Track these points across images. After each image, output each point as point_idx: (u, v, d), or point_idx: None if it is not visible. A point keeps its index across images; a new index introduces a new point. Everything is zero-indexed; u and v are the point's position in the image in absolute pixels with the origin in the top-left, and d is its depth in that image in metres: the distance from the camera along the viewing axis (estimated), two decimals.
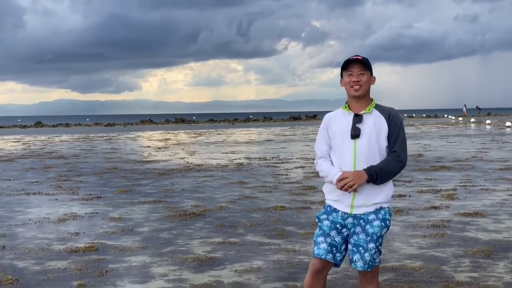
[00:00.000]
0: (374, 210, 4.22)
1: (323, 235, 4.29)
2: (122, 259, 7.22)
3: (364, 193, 4.20)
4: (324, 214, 4.36)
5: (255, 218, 9.72)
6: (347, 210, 4.24)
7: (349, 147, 4.22)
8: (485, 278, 6.12)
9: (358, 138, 4.19)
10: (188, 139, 38.16)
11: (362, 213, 4.22)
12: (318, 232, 4.35)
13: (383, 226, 4.24)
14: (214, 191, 13.00)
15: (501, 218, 9.25)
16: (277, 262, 6.96)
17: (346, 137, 4.23)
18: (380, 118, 4.24)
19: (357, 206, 4.22)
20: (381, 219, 4.23)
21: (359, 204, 4.21)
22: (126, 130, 57.60)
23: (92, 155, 24.66)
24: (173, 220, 9.68)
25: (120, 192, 13.11)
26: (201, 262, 7.00)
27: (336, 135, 4.30)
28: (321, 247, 4.27)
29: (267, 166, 18.65)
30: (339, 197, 4.28)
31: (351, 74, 4.26)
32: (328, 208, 4.36)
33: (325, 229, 4.29)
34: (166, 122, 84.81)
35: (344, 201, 4.26)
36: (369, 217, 4.22)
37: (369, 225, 4.20)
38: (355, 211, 4.23)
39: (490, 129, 45.49)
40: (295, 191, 12.76)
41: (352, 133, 4.20)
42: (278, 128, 56.81)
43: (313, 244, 4.33)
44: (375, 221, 4.22)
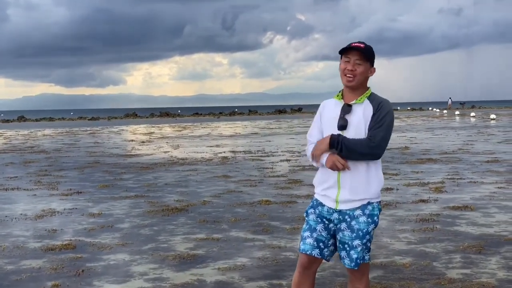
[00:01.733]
0: (360, 206, 3.98)
1: (309, 230, 4.09)
2: (100, 257, 6.92)
3: (349, 187, 3.98)
4: (311, 208, 4.16)
5: (239, 213, 9.45)
6: (332, 205, 4.03)
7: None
8: (478, 274, 5.89)
9: (345, 129, 3.97)
10: (173, 132, 37.78)
11: (347, 209, 4.00)
12: (304, 227, 4.16)
13: (370, 222, 4.00)
14: (198, 186, 12.71)
15: (490, 211, 9.04)
16: (262, 259, 6.69)
17: (334, 128, 4.02)
18: (369, 108, 4.00)
19: (342, 201, 4.00)
20: (368, 214, 4.00)
21: (344, 199, 3.99)
22: (110, 124, 57.04)
23: (74, 149, 24.25)
24: (155, 215, 9.39)
25: (101, 187, 12.78)
26: (183, 260, 6.72)
27: (326, 124, 4.10)
28: (307, 242, 4.07)
29: (252, 159, 18.38)
30: (325, 191, 4.07)
31: (347, 61, 4.01)
32: (315, 202, 4.17)
33: (311, 224, 4.10)
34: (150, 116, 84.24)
35: (329, 196, 4.05)
36: (355, 212, 3.99)
37: (354, 221, 3.98)
38: (340, 206, 4.01)
39: (475, 121, 45.53)
40: (280, 185, 12.50)
41: (339, 124, 3.99)
42: (263, 121, 56.54)
43: (299, 239, 4.13)
44: (361, 217, 3.98)
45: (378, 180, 4.04)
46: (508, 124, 39.19)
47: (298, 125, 44.47)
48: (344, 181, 3.99)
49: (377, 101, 4.03)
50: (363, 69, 3.98)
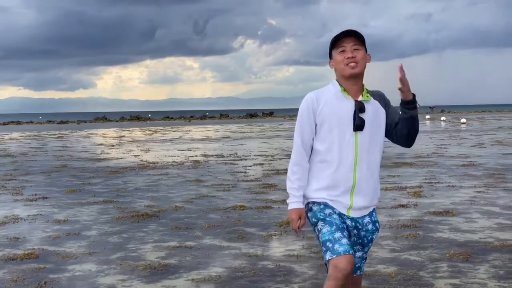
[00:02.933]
0: (368, 213, 3.70)
1: (339, 229, 3.51)
2: (64, 267, 6.44)
3: (365, 192, 3.62)
4: (327, 209, 3.61)
5: (213, 219, 9.04)
6: (344, 211, 3.63)
7: (350, 141, 3.58)
8: (467, 285, 5.55)
9: (361, 130, 3.56)
10: (143, 136, 37.16)
11: (358, 217, 3.66)
12: (330, 229, 3.52)
13: (375, 230, 3.72)
14: (169, 190, 12.26)
15: (473, 217, 8.77)
16: (239, 268, 6.29)
17: (346, 128, 3.56)
18: (377, 105, 3.67)
19: (356, 209, 3.63)
20: (373, 221, 3.71)
21: (359, 207, 3.63)
22: (79, 128, 56.08)
23: (41, 153, 23.57)
24: (124, 222, 8.92)
25: (68, 192, 12.25)
26: (154, 270, 6.29)
27: (330, 123, 3.60)
28: (343, 243, 3.45)
29: (224, 163, 17.97)
30: (337, 197, 3.61)
31: (343, 51, 3.62)
32: (326, 204, 3.64)
33: (338, 222, 3.55)
34: (121, 119, 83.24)
35: (342, 201, 3.61)
36: (364, 220, 3.68)
37: (364, 229, 3.66)
38: (351, 213, 3.63)
39: (446, 125, 45.72)
40: (254, 189, 12.11)
41: (357, 123, 3.54)
42: (235, 125, 56.13)
43: (329, 246, 3.45)
44: (369, 224, 3.68)
45: (379, 185, 3.81)
46: (479, 128, 39.37)
47: (270, 129, 44.15)
48: (360, 187, 3.61)
49: (379, 95, 3.74)
50: (363, 53, 3.64)
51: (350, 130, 3.57)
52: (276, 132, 39.35)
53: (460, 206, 9.59)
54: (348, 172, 3.58)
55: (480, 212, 9.12)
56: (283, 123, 59.09)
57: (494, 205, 9.68)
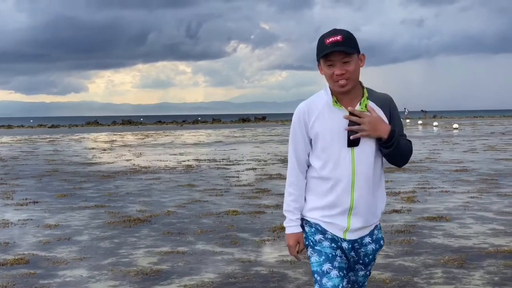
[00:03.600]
0: (369, 232, 3.31)
1: (328, 261, 3.22)
2: (55, 273, 6.36)
3: (364, 212, 3.24)
4: (318, 234, 3.27)
5: (205, 224, 8.97)
6: (340, 234, 3.26)
7: (345, 156, 3.17)
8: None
9: (357, 145, 3.16)
10: (135, 140, 37.03)
11: (356, 238, 3.28)
12: (319, 260, 3.23)
13: (377, 248, 3.36)
14: (162, 195, 12.17)
15: (466, 222, 8.73)
16: (232, 274, 6.22)
17: (341, 144, 3.16)
18: (378, 112, 3.21)
19: (353, 231, 3.26)
20: (375, 240, 3.33)
21: (356, 228, 3.25)
22: (70, 132, 55.85)
23: (32, 157, 23.41)
24: (115, 227, 8.84)
25: (59, 196, 12.14)
26: (146, 276, 6.21)
27: (324, 139, 3.21)
28: (333, 276, 3.19)
29: (217, 168, 17.90)
30: (332, 219, 3.26)
31: (331, 65, 3.14)
32: (318, 227, 3.29)
33: (328, 251, 3.24)
34: (112, 124, 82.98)
35: (337, 223, 3.25)
36: (364, 240, 3.30)
37: (363, 249, 3.30)
38: (348, 236, 3.26)
39: (438, 131, 45.78)
40: (247, 194, 12.05)
41: (351, 139, 3.14)
42: (227, 130, 56.02)
43: (317, 279, 3.19)
44: (370, 244, 3.31)
45: (383, 198, 3.37)
46: (471, 133, 39.44)
47: (263, 134, 44.10)
48: (358, 207, 3.22)
49: (383, 100, 3.28)
50: (353, 65, 3.14)
51: (345, 146, 3.16)
52: (268, 136, 39.29)
53: (454, 212, 9.56)
54: (345, 193, 3.21)
55: (473, 217, 9.09)
56: (276, 127, 59.05)
57: (488, 210, 9.65)
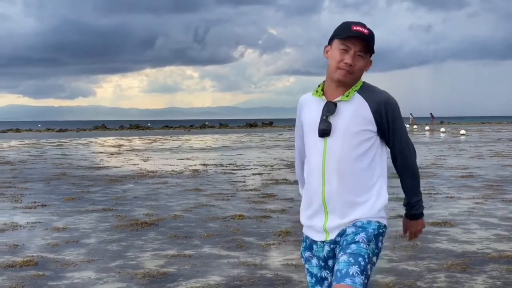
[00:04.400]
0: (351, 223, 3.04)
1: (318, 284, 3.13)
2: (63, 275, 6.46)
3: (339, 209, 3.04)
4: (307, 250, 3.17)
5: (212, 227, 9.06)
6: (321, 237, 3.09)
7: (318, 148, 3.07)
8: None
9: (328, 136, 3.02)
10: (143, 145, 37.19)
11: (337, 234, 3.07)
12: (311, 281, 3.17)
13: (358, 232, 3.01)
14: (168, 199, 12.28)
15: (471, 227, 8.79)
16: (237, 277, 6.31)
17: (315, 133, 3.08)
18: (363, 106, 3.03)
19: (332, 229, 3.07)
20: (358, 226, 3.03)
21: (334, 226, 3.06)
22: (78, 136, 56.10)
23: (40, 161, 23.58)
24: (123, 230, 8.94)
25: (67, 199, 12.27)
26: (152, 278, 6.30)
27: (307, 129, 3.17)
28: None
29: (223, 172, 18.00)
30: (310, 221, 3.13)
31: (345, 50, 3.02)
32: (307, 241, 3.17)
33: (316, 272, 3.12)
34: (120, 128, 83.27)
35: (315, 226, 3.11)
36: (346, 230, 3.03)
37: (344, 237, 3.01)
38: (330, 236, 3.07)
39: (445, 137, 45.76)
40: (253, 199, 12.14)
41: (320, 128, 3.04)
42: (234, 135, 56.16)
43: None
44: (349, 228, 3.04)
45: (376, 193, 3.13)
46: (478, 139, 39.41)
47: (270, 139, 44.19)
48: (331, 203, 3.05)
49: (374, 97, 3.06)
50: (363, 63, 3.06)
51: (317, 136, 3.07)
52: (275, 142, 39.38)
53: (458, 217, 9.62)
54: (317, 186, 3.07)
55: (478, 223, 9.14)
56: (283, 133, 59.13)
57: (492, 216, 9.71)
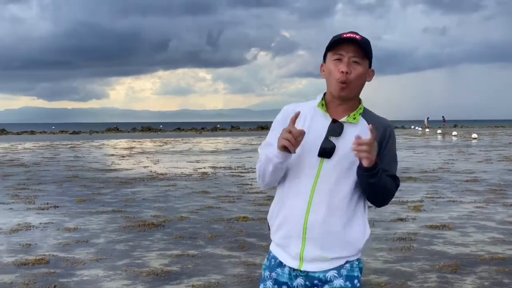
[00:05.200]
0: (337, 266, 2.73)
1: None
2: (73, 272, 6.81)
3: (321, 238, 2.70)
4: (267, 269, 2.85)
5: (216, 229, 9.38)
6: (295, 264, 2.74)
7: (311, 166, 2.73)
8: None
9: (329, 158, 2.70)
10: (154, 147, 37.61)
11: (316, 271, 2.73)
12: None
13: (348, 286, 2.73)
14: (176, 201, 12.62)
15: (468, 231, 9.06)
16: (237, 276, 6.63)
17: (311, 150, 2.72)
18: (367, 132, 2.63)
19: (309, 260, 2.72)
20: (346, 276, 2.73)
21: (313, 257, 2.72)
22: (91, 138, 56.68)
23: (53, 163, 24.02)
24: (131, 230, 9.29)
25: (78, 201, 12.64)
26: (157, 276, 6.64)
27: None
28: None
29: (232, 175, 18.32)
30: (283, 240, 2.77)
31: (339, 60, 2.73)
32: (272, 260, 2.84)
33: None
34: (132, 130, 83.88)
35: (289, 248, 2.75)
36: (326, 274, 2.72)
37: (327, 286, 2.71)
38: (305, 266, 2.72)
39: (457, 140, 45.83)
40: (259, 201, 12.45)
41: (323, 147, 2.70)
42: (245, 137, 56.49)
43: None
44: (337, 279, 2.71)
45: (362, 226, 2.77)
46: (489, 143, 39.49)
47: None
48: (313, 231, 2.71)
49: (378, 121, 2.80)
50: (361, 70, 2.73)
51: (315, 155, 2.72)
52: None
53: (458, 221, 9.87)
54: (301, 209, 2.72)
55: (476, 226, 9.40)
56: None
57: (491, 220, 9.96)
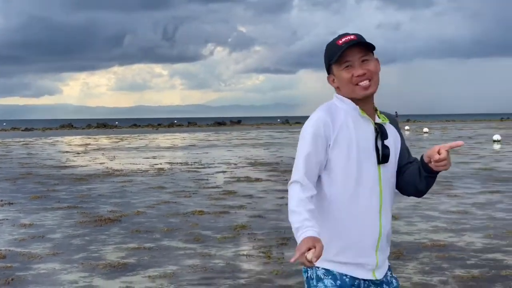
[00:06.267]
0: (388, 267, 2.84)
1: None
2: (30, 266, 6.95)
3: (385, 243, 2.78)
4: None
5: (172, 223, 9.59)
6: (370, 276, 2.72)
7: (372, 176, 2.69)
8: None
9: (387, 162, 2.72)
10: (110, 144, 37.45)
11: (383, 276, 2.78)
12: None
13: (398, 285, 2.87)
14: (133, 196, 12.76)
15: (413, 220, 9.48)
16: (192, 266, 6.86)
17: (368, 159, 2.68)
18: (393, 130, 2.83)
19: (380, 267, 2.76)
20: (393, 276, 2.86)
21: (382, 263, 2.77)
22: (44, 135, 55.97)
23: (6, 161, 23.79)
24: (87, 226, 9.42)
25: (33, 198, 12.67)
26: (114, 268, 6.83)
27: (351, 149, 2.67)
28: None
29: (188, 171, 18.51)
30: (359, 258, 2.70)
31: (350, 66, 2.69)
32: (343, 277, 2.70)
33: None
34: (87, 127, 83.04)
35: (367, 263, 2.71)
36: (387, 277, 2.81)
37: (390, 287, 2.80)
38: (378, 274, 2.74)
39: (409, 135, 46.81)
40: (214, 196, 12.69)
41: (384, 153, 2.69)
42: (202, 133, 56.60)
43: None
44: (393, 279, 2.83)
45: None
46: (439, 137, 40.53)
47: (237, 138, 44.75)
48: (384, 237, 2.74)
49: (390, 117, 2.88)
50: (374, 64, 2.73)
51: (373, 163, 2.69)
52: (242, 140, 39.95)
53: (405, 211, 10.29)
54: (373, 219, 2.69)
55: (421, 216, 9.83)
56: (250, 131, 59.76)
57: (435, 210, 10.41)
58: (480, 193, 12.39)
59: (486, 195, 12.09)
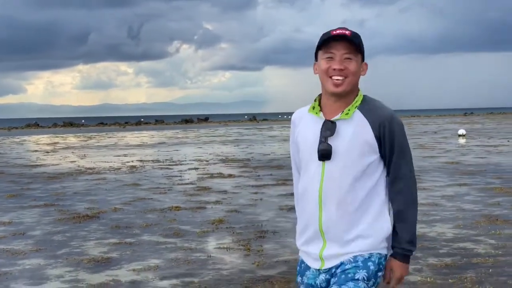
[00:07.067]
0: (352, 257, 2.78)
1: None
2: (15, 262, 7.07)
3: (337, 239, 2.78)
4: (298, 275, 2.97)
5: (150, 218, 9.75)
6: (317, 265, 2.85)
7: (315, 171, 2.80)
8: None
9: (328, 159, 2.74)
10: (78, 142, 37.26)
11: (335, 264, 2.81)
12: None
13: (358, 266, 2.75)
14: (108, 194, 12.87)
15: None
16: (174, 260, 7.06)
17: (312, 155, 2.79)
18: (363, 126, 2.75)
19: (329, 257, 2.81)
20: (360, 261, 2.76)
21: (332, 254, 2.80)
22: (11, 135, 55.31)
23: None
24: (66, 222, 9.54)
25: (9, 196, 12.70)
26: (97, 263, 6.99)
27: (304, 149, 2.87)
28: None
29: (160, 168, 18.62)
30: (305, 247, 2.89)
31: (331, 58, 2.74)
32: (302, 265, 2.95)
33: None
34: (53, 125, 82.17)
35: (311, 252, 2.86)
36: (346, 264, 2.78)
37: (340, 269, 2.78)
38: (326, 264, 2.82)
39: None
40: (189, 192, 12.87)
41: (320, 149, 2.74)
42: (170, 131, 56.51)
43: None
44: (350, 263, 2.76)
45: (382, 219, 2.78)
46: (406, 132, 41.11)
47: (205, 135, 44.86)
48: (329, 231, 2.79)
49: (376, 114, 2.77)
50: (355, 65, 2.75)
51: (316, 159, 2.77)
52: (211, 137, 40.08)
53: None
54: (313, 212, 2.81)
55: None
56: (218, 128, 59.87)
57: None
58: (448, 186, 12.80)
59: (454, 187, 12.50)
